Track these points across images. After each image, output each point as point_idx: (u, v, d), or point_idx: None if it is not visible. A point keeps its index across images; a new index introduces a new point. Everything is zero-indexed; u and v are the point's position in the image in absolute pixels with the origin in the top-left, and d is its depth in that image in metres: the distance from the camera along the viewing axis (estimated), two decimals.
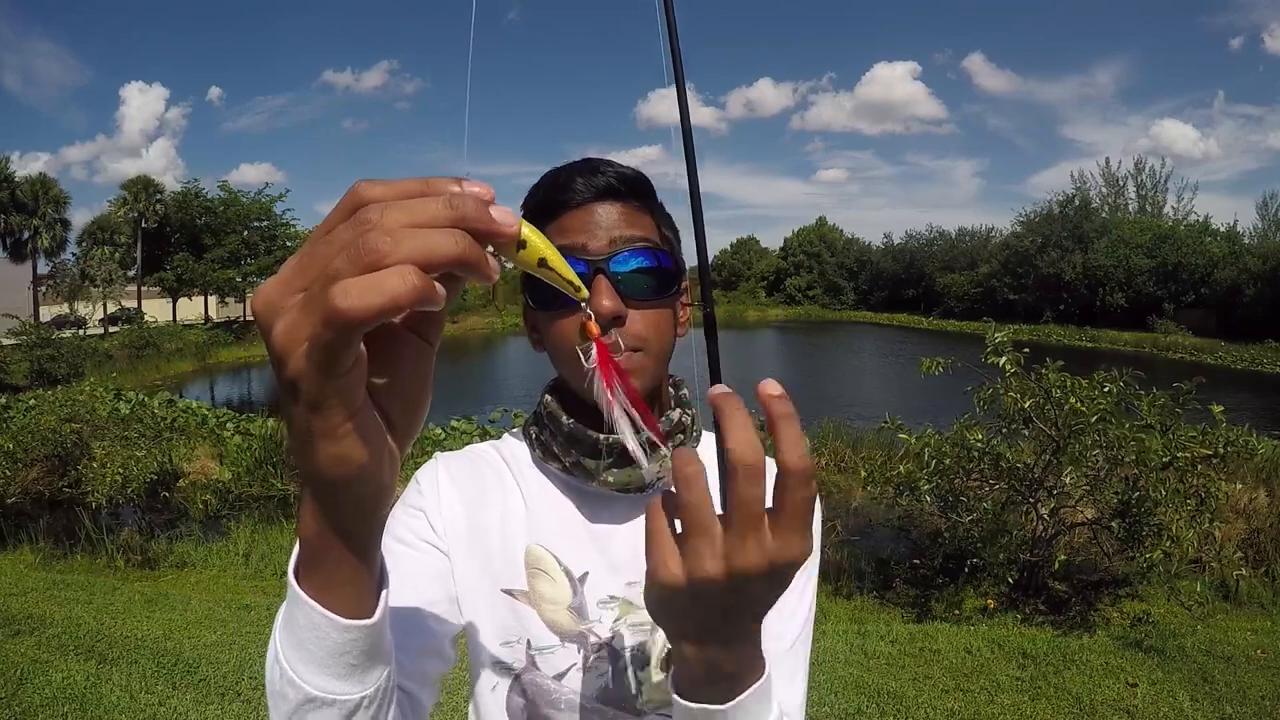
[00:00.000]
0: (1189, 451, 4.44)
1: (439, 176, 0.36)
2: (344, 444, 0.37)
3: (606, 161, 0.79)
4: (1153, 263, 38.75)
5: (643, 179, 0.80)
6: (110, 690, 3.64)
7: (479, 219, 0.35)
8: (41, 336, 20.11)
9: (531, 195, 0.80)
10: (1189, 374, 4.85)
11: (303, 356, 0.34)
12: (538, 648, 0.76)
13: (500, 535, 0.79)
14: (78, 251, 36.17)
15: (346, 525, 0.42)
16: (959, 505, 5.00)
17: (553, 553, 0.78)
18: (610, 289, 0.72)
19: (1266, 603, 5.03)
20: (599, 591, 0.78)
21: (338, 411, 0.36)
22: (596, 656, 0.77)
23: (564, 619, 0.76)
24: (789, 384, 0.46)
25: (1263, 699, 3.59)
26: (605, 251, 0.73)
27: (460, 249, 0.34)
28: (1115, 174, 49.39)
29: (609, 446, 0.76)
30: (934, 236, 55.08)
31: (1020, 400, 4.57)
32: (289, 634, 0.48)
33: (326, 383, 0.35)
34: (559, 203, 0.77)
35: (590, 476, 0.78)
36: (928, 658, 4.10)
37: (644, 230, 0.77)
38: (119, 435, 7.26)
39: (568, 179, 0.77)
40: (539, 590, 0.77)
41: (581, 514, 0.81)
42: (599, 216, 0.76)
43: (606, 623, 0.77)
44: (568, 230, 0.75)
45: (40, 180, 35.48)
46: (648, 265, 0.75)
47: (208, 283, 36.31)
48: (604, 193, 0.77)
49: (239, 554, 6.30)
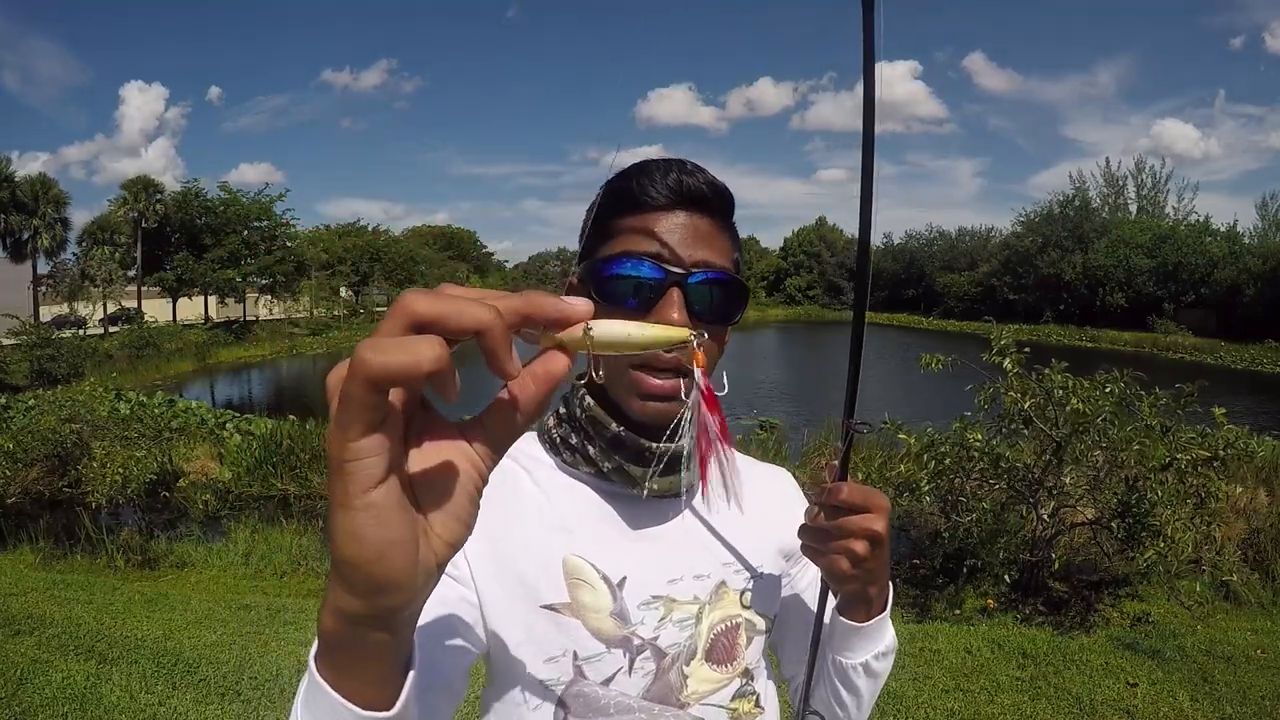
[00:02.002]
0: (1189, 453, 4.44)
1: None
2: (358, 518, 0.35)
3: (698, 166, 0.77)
4: (1153, 263, 38.76)
5: (730, 195, 0.79)
6: (110, 690, 3.64)
7: (544, 303, 0.38)
8: (41, 336, 20.10)
9: (614, 183, 0.78)
10: (1189, 374, 4.86)
11: (332, 415, 0.35)
12: (584, 657, 0.76)
13: (532, 551, 0.77)
14: (78, 251, 36.15)
15: (361, 613, 0.39)
16: (959, 505, 5.00)
17: (590, 561, 0.78)
18: (683, 305, 0.72)
19: (1266, 603, 5.03)
20: (640, 593, 0.78)
21: (354, 480, 0.35)
22: (642, 657, 0.77)
23: (608, 626, 0.76)
24: (789, 384, 0.47)
25: (1263, 699, 3.59)
26: (686, 267, 0.73)
27: (490, 317, 0.35)
28: (1115, 174, 49.47)
29: (659, 455, 0.76)
30: (934, 236, 55.17)
31: (1021, 400, 4.57)
32: (309, 713, 0.46)
33: (346, 442, 0.34)
34: (645, 199, 0.75)
35: (632, 483, 0.78)
36: (928, 658, 4.09)
37: (724, 250, 0.77)
38: (119, 435, 7.26)
39: (660, 176, 0.75)
40: (581, 600, 0.76)
41: (619, 518, 0.81)
42: (684, 225, 0.75)
43: (650, 624, 0.78)
44: (649, 230, 0.75)
45: (40, 180, 35.44)
46: (721, 291, 0.75)
47: (208, 283, 36.29)
48: (694, 200, 0.76)
49: (239, 554, 6.30)
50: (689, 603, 0.80)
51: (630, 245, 0.74)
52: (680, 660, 0.79)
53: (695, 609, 0.80)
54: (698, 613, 0.80)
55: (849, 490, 0.72)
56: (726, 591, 0.83)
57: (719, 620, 0.81)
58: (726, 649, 0.81)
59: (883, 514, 0.73)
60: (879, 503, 0.73)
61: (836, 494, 0.73)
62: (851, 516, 0.72)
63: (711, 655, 0.80)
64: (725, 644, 0.81)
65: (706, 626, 0.80)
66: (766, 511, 0.89)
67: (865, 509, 0.72)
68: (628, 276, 0.73)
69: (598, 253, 0.77)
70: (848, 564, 0.73)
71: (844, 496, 0.72)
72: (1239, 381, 21.41)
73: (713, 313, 0.75)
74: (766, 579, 0.87)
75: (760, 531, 0.87)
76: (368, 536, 0.36)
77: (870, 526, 0.72)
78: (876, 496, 0.73)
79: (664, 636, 0.78)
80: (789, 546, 0.88)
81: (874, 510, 0.73)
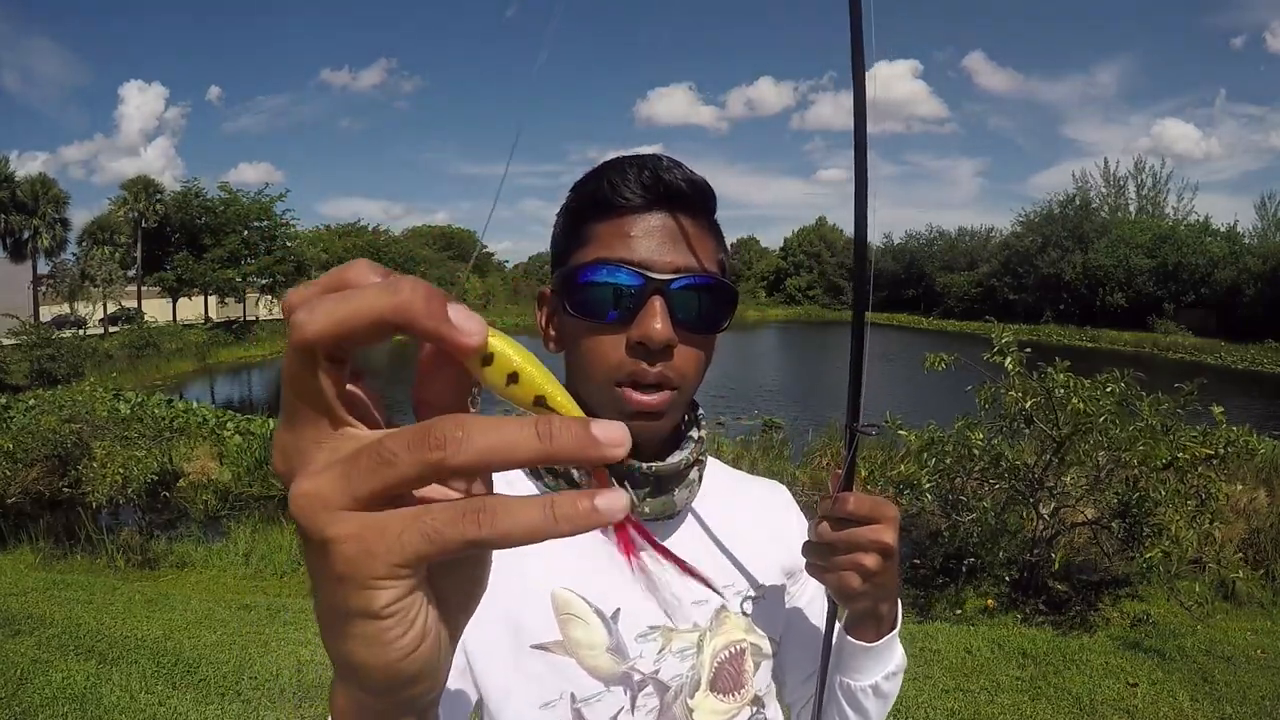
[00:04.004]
0: (1189, 452, 4.45)
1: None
2: (381, 624, 0.28)
3: (675, 162, 0.72)
4: (1153, 263, 38.78)
5: (711, 190, 0.74)
6: (110, 690, 3.64)
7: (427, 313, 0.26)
8: (41, 336, 20.08)
9: (584, 184, 0.73)
10: (1189, 374, 4.86)
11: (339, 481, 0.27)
12: (583, 699, 0.70)
13: (517, 588, 0.71)
14: (78, 251, 36.18)
15: (387, 709, 0.32)
16: (960, 505, 5.00)
17: (579, 594, 0.72)
18: (666, 314, 0.67)
19: (1266, 603, 5.03)
20: (636, 625, 0.73)
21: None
22: (644, 694, 0.72)
23: (605, 662, 0.71)
24: (790, 384, 0.46)
25: (1263, 699, 3.59)
26: (667, 272, 0.68)
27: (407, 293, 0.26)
28: (1115, 174, 49.52)
29: (646, 475, 0.72)
30: (934, 236, 55.17)
31: (1022, 400, 4.57)
32: None
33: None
34: (619, 201, 0.70)
35: None
36: (928, 658, 4.09)
37: (707, 252, 0.72)
38: (119, 435, 7.27)
39: (634, 174, 0.70)
40: (574, 637, 0.71)
41: (609, 545, 0.73)
42: (662, 227, 0.70)
43: (649, 657, 0.73)
44: (624, 233, 0.69)
45: (40, 180, 35.47)
46: (707, 296, 0.70)
47: (208, 283, 36.29)
48: (673, 199, 0.70)
49: (239, 554, 6.31)
50: (688, 630, 0.75)
51: (605, 251, 0.69)
52: (684, 693, 0.73)
53: (695, 636, 0.75)
54: (698, 640, 0.75)
55: (856, 501, 0.68)
56: (728, 615, 0.78)
57: (722, 647, 0.77)
58: (733, 677, 0.77)
59: (892, 525, 0.69)
60: (888, 513, 0.69)
61: (843, 505, 0.68)
62: (860, 529, 0.68)
63: (717, 685, 0.75)
64: (731, 671, 0.77)
65: (709, 655, 0.76)
66: (763, 528, 0.86)
67: (874, 520, 0.68)
68: (604, 284, 0.68)
69: (571, 259, 0.72)
70: (858, 580, 0.69)
71: (851, 507, 0.68)
72: (1239, 381, 21.41)
73: (699, 320, 0.69)
74: (769, 599, 0.82)
75: (759, 549, 0.84)
76: (394, 642, 0.28)
77: (880, 538, 0.68)
78: (885, 506, 0.69)
79: (665, 669, 0.73)
80: (789, 564, 0.85)
81: (883, 521, 0.68)
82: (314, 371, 0.27)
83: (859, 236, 0.67)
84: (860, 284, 0.69)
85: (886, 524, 0.69)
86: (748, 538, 0.83)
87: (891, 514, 0.69)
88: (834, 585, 0.71)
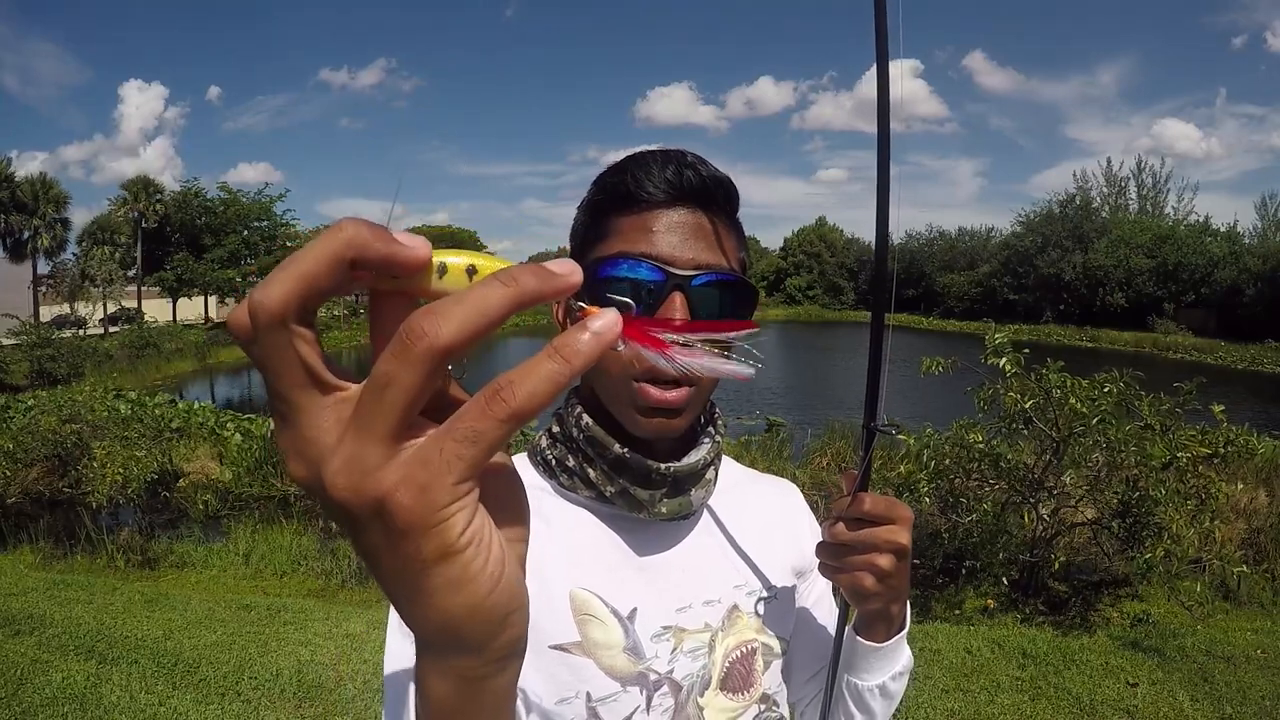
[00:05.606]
0: (1189, 451, 4.45)
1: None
2: (462, 559, 0.27)
3: (699, 158, 0.72)
4: (1153, 263, 38.79)
5: (734, 188, 0.73)
6: (110, 690, 3.64)
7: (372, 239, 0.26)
8: (41, 336, 20.12)
9: (607, 177, 0.73)
10: (1189, 374, 4.86)
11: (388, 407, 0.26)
12: (599, 698, 0.70)
13: (534, 588, 0.68)
14: (78, 251, 36.21)
15: (486, 665, 0.31)
16: (959, 506, 5.00)
17: (597, 594, 0.72)
18: (686, 310, 0.67)
19: (1266, 603, 5.03)
20: (651, 626, 0.74)
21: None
22: (659, 694, 0.73)
23: (621, 663, 0.71)
24: (790, 384, 0.46)
25: (1263, 699, 3.59)
26: (689, 268, 0.68)
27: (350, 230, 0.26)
28: (1116, 174, 49.53)
29: (664, 475, 0.72)
30: (934, 236, 55.12)
31: (1021, 400, 4.57)
32: None
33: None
34: (643, 195, 0.70)
35: (639, 506, 0.72)
36: (928, 658, 4.09)
37: (729, 249, 0.72)
38: (119, 435, 7.28)
39: (658, 169, 0.70)
40: (592, 638, 0.71)
41: (625, 545, 0.75)
42: (685, 223, 0.70)
43: (664, 657, 0.73)
44: (646, 228, 0.69)
45: (40, 180, 35.51)
46: (729, 293, 0.70)
47: (208, 283, 36.33)
48: (696, 196, 0.70)
49: (239, 554, 6.30)
50: (700, 631, 0.76)
51: (627, 245, 0.69)
52: (694, 691, 0.74)
53: (707, 636, 0.76)
54: (710, 640, 0.76)
55: (872, 501, 0.69)
56: (739, 615, 0.79)
57: (734, 646, 0.77)
58: (743, 676, 0.77)
59: (907, 525, 0.69)
60: (903, 513, 0.69)
61: (859, 505, 0.69)
62: (876, 529, 0.68)
63: (727, 684, 0.76)
64: (741, 671, 0.77)
65: (721, 654, 0.76)
66: (775, 527, 0.86)
67: (889, 520, 0.69)
68: (624, 279, 0.67)
69: (591, 253, 0.72)
70: (872, 580, 0.69)
71: (867, 507, 0.68)
72: (1239, 381, 21.41)
73: (719, 318, 0.69)
74: (780, 599, 0.82)
75: (771, 549, 0.84)
76: (480, 575, 0.28)
77: (895, 539, 0.68)
78: (899, 507, 0.70)
79: (678, 668, 0.74)
80: (799, 563, 0.85)
81: (898, 521, 0.69)
82: (288, 339, 0.26)
83: (880, 236, 0.67)
84: (880, 283, 0.69)
85: (902, 524, 0.69)
86: (761, 537, 0.83)
87: (907, 515, 0.70)
88: (848, 585, 0.72)
